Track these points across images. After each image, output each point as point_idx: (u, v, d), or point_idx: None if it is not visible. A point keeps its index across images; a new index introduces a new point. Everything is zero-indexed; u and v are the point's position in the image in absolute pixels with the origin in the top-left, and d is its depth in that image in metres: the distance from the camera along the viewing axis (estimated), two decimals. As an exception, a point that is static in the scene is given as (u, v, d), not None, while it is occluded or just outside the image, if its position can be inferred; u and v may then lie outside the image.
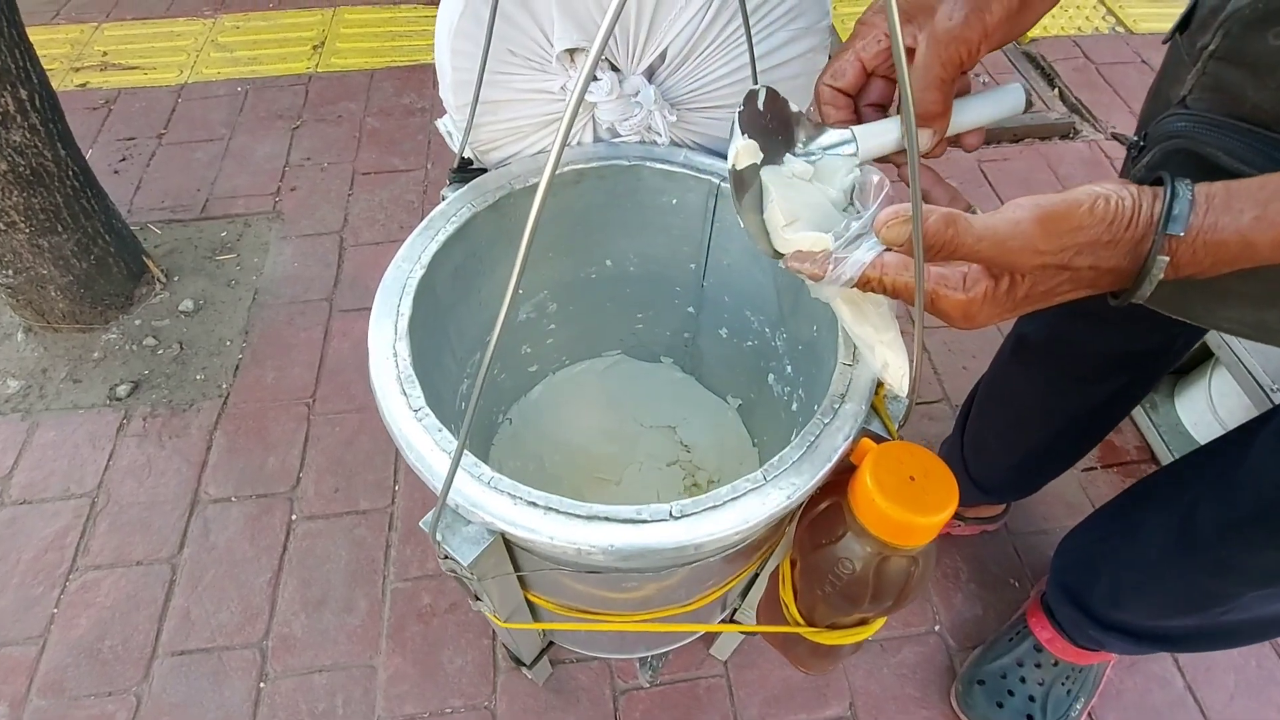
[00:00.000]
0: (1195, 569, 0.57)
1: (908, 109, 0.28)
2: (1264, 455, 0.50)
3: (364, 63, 1.60)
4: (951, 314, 0.36)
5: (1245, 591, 0.54)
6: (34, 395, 1.06)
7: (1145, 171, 0.43)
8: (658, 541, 0.39)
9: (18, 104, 0.91)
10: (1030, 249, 0.32)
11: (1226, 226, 0.31)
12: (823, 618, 0.50)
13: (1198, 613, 0.60)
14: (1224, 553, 0.53)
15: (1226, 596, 0.56)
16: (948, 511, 0.38)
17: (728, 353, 0.75)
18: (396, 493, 0.98)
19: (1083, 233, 0.32)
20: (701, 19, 0.49)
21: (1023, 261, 0.33)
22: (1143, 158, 0.42)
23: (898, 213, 0.33)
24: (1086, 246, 0.32)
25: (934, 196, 0.40)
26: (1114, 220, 0.32)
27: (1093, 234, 0.32)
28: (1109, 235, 0.32)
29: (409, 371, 0.45)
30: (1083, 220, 0.32)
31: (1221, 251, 0.31)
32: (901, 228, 0.33)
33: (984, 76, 1.61)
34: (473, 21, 0.47)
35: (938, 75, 0.39)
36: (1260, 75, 0.35)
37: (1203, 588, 0.57)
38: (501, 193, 0.56)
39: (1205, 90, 0.39)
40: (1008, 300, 0.35)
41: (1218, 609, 0.58)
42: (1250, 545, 0.51)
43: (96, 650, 0.85)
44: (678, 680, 0.84)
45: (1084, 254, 0.33)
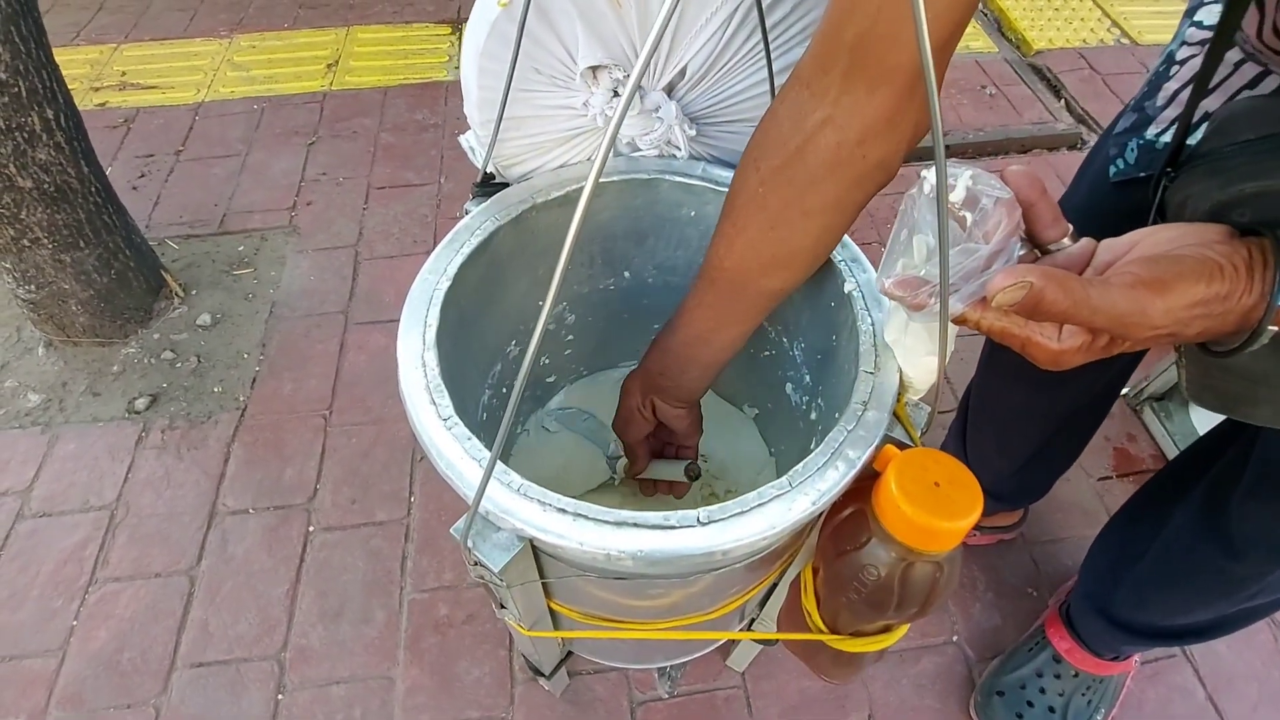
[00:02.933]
0: (1217, 554, 0.56)
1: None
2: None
3: (377, 80, 1.63)
4: (1040, 357, 0.36)
5: (1272, 570, 0.54)
6: (54, 408, 1.08)
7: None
8: (686, 547, 0.39)
9: (44, 123, 0.93)
10: (1147, 324, 0.32)
11: None
12: (846, 625, 0.50)
13: (1226, 599, 0.60)
14: (1246, 528, 0.53)
15: (1254, 578, 0.56)
16: (973, 516, 0.38)
17: (744, 362, 0.76)
18: (413, 504, 0.99)
19: (1199, 306, 0.32)
20: (721, 37, 0.50)
21: (1136, 335, 0.33)
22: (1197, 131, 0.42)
23: (1015, 277, 0.32)
24: (1199, 318, 0.32)
25: (1037, 211, 0.37)
26: (1228, 294, 0.32)
27: (1207, 308, 0.32)
28: (1222, 308, 0.32)
29: (438, 381, 0.46)
30: (1199, 295, 0.32)
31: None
32: (1014, 294, 0.32)
33: (990, 88, 1.62)
34: (499, 41, 0.48)
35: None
36: None
37: (1230, 573, 0.57)
38: (524, 206, 0.57)
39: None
40: (1103, 352, 0.35)
41: (1245, 592, 0.57)
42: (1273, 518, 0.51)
43: (115, 662, 0.86)
44: (695, 691, 0.84)
45: (1195, 324, 0.33)
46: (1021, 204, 0.37)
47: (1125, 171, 0.56)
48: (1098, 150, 0.62)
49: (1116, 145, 0.57)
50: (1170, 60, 0.52)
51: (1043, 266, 0.33)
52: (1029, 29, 1.76)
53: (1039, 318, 0.34)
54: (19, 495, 0.99)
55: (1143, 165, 0.54)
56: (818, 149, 0.41)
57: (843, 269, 0.53)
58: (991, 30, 1.81)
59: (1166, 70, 0.53)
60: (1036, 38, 1.74)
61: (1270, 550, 0.53)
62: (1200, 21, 0.50)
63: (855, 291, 0.52)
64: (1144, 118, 0.54)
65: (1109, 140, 0.59)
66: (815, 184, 0.42)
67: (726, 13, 0.49)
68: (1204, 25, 0.49)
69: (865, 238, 1.31)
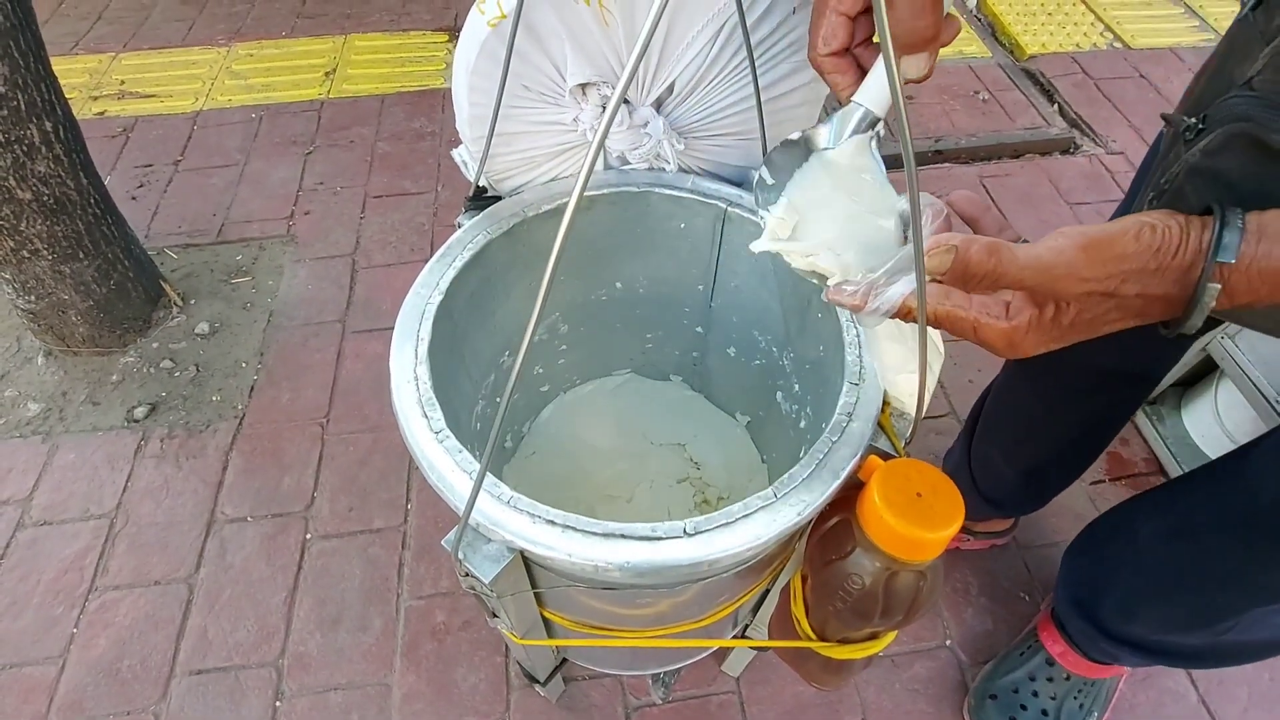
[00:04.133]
0: (1200, 580, 0.57)
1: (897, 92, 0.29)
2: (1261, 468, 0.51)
3: (375, 88, 1.64)
4: (995, 343, 0.36)
5: (1247, 606, 0.55)
6: (54, 418, 1.08)
7: (1202, 156, 0.41)
8: (673, 558, 0.40)
9: (43, 136, 0.94)
10: (1075, 276, 0.32)
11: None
12: (834, 632, 0.51)
13: (1205, 628, 0.60)
14: (1227, 563, 0.54)
15: (1231, 610, 0.56)
16: (954, 527, 0.39)
17: (736, 371, 0.77)
18: (409, 511, 0.99)
19: (1129, 260, 0.32)
20: (708, 53, 0.51)
21: (1068, 289, 0.33)
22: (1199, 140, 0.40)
23: (938, 242, 0.33)
24: (1133, 274, 0.32)
25: (983, 225, 0.38)
26: (1161, 248, 0.32)
27: (1139, 261, 0.32)
28: (1155, 263, 0.32)
29: (430, 395, 0.47)
30: (1128, 247, 0.32)
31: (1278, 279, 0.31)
32: (943, 256, 0.33)
33: (984, 93, 1.63)
34: (489, 60, 0.49)
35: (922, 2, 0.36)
36: None
37: (1206, 601, 0.58)
38: (515, 220, 0.58)
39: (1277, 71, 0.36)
40: (1054, 328, 0.35)
41: (1224, 624, 0.58)
42: (1255, 558, 0.52)
43: (115, 670, 0.86)
44: (690, 697, 0.85)
45: (1130, 281, 0.32)
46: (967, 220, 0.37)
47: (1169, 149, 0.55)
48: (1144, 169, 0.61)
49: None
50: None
51: (967, 234, 0.33)
52: (1022, 34, 1.77)
53: (972, 284, 0.34)
54: (19, 504, 0.99)
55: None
56: None
57: (829, 281, 0.54)
58: (985, 35, 1.82)
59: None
60: (1030, 42, 1.75)
61: (1249, 591, 0.54)
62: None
63: (841, 303, 0.52)
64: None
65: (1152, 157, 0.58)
66: None
67: (712, 30, 0.50)
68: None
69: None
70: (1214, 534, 0.54)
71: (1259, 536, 0.51)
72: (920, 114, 1.57)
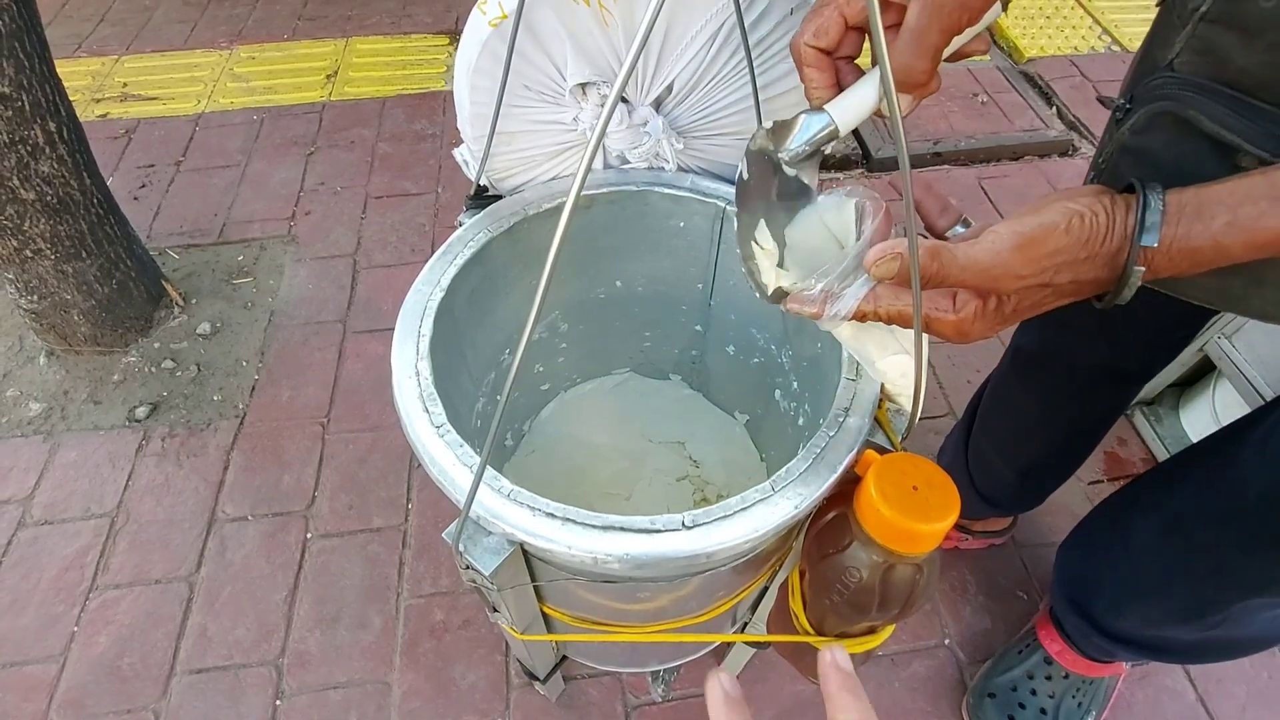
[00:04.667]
0: (1189, 575, 0.58)
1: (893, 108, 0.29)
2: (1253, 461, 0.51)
3: (376, 91, 1.64)
4: (946, 332, 0.38)
5: (1237, 599, 0.55)
6: (55, 417, 1.09)
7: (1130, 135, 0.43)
8: (671, 550, 0.40)
9: (47, 136, 0.94)
10: (1012, 275, 0.34)
11: (1199, 234, 0.32)
12: (832, 627, 0.51)
13: (1194, 620, 0.61)
14: (1215, 556, 0.54)
15: (1221, 603, 0.57)
16: (949, 519, 0.39)
17: (735, 369, 0.77)
18: (409, 510, 1.00)
19: (1060, 254, 0.34)
20: (706, 54, 0.52)
21: (1006, 286, 0.35)
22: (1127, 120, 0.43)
23: (884, 251, 0.35)
24: (1065, 265, 0.34)
25: (925, 207, 0.40)
26: (1089, 239, 0.34)
27: (1070, 254, 0.34)
28: (1085, 253, 0.34)
29: (431, 390, 0.47)
30: (1059, 242, 0.34)
31: (1197, 256, 0.33)
32: (889, 265, 0.35)
33: (982, 96, 1.64)
34: (490, 59, 0.49)
35: (933, 43, 0.36)
36: (1250, 38, 0.36)
37: (1197, 594, 0.58)
38: (516, 218, 0.58)
39: (1193, 53, 0.39)
40: (997, 316, 0.37)
41: (1212, 617, 0.58)
42: (1242, 551, 0.52)
43: (116, 668, 0.86)
44: (689, 695, 0.85)
45: (1063, 271, 0.34)
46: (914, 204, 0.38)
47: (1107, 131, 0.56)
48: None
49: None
50: None
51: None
52: (1020, 37, 1.78)
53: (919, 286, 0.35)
54: (21, 503, 1.00)
55: None
56: None
57: (827, 278, 0.54)
58: (983, 38, 1.82)
59: None
60: (1028, 45, 1.76)
61: (1236, 583, 0.55)
62: None
63: (839, 300, 0.53)
64: None
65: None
66: None
67: (710, 31, 0.50)
68: None
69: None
70: (1202, 528, 0.55)
71: (1245, 530, 0.51)
72: (919, 116, 1.58)
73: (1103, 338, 0.63)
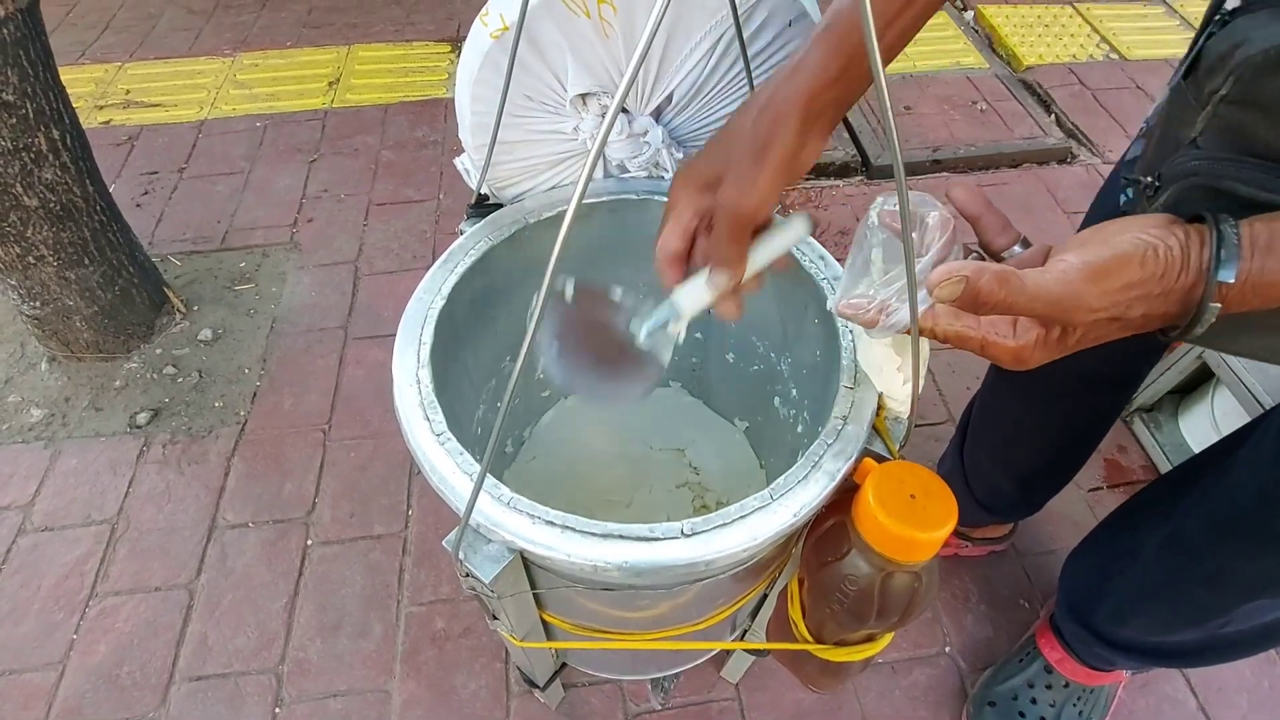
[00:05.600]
0: (1190, 581, 0.58)
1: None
2: (1245, 468, 0.51)
3: (378, 98, 1.65)
4: (1003, 358, 0.37)
5: (1238, 603, 0.55)
6: (57, 423, 1.09)
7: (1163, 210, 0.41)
8: (670, 558, 0.40)
9: (50, 144, 0.95)
10: (1084, 307, 0.33)
11: (1273, 269, 0.31)
12: (831, 635, 0.51)
13: (1197, 626, 0.61)
14: (1214, 564, 0.54)
15: (1222, 609, 0.57)
16: (947, 527, 0.39)
17: (734, 376, 0.77)
18: (410, 517, 1.00)
19: (1134, 288, 0.33)
20: (705, 64, 0.52)
21: (1078, 319, 0.34)
22: (1159, 197, 0.42)
23: (951, 272, 0.33)
24: (1139, 299, 0.33)
25: (985, 224, 0.39)
26: (1164, 273, 0.33)
27: (1144, 289, 0.33)
28: (1160, 288, 0.33)
29: (431, 398, 0.47)
30: (1134, 275, 0.33)
31: (1271, 291, 0.32)
32: (953, 287, 0.33)
33: (982, 104, 1.65)
34: (492, 70, 0.50)
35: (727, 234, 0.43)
36: (1273, 116, 0.35)
37: (1198, 600, 0.58)
38: (517, 226, 0.59)
39: (1216, 132, 0.39)
40: (1059, 346, 0.36)
41: (1215, 621, 0.59)
42: (1239, 555, 0.52)
43: (115, 676, 0.86)
44: (689, 704, 0.85)
45: (1136, 305, 0.33)
46: (969, 219, 0.38)
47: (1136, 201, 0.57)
48: (1113, 181, 0.63)
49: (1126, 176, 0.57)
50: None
51: (977, 262, 0.34)
52: (1019, 45, 1.79)
53: (983, 311, 0.35)
54: (21, 510, 1.00)
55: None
56: None
57: (825, 287, 0.55)
58: (983, 46, 1.83)
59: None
60: (1027, 54, 1.77)
61: (1237, 588, 0.55)
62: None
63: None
64: None
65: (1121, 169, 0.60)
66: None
67: (710, 42, 0.51)
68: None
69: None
70: (1201, 536, 0.55)
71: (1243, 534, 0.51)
72: (919, 124, 1.59)
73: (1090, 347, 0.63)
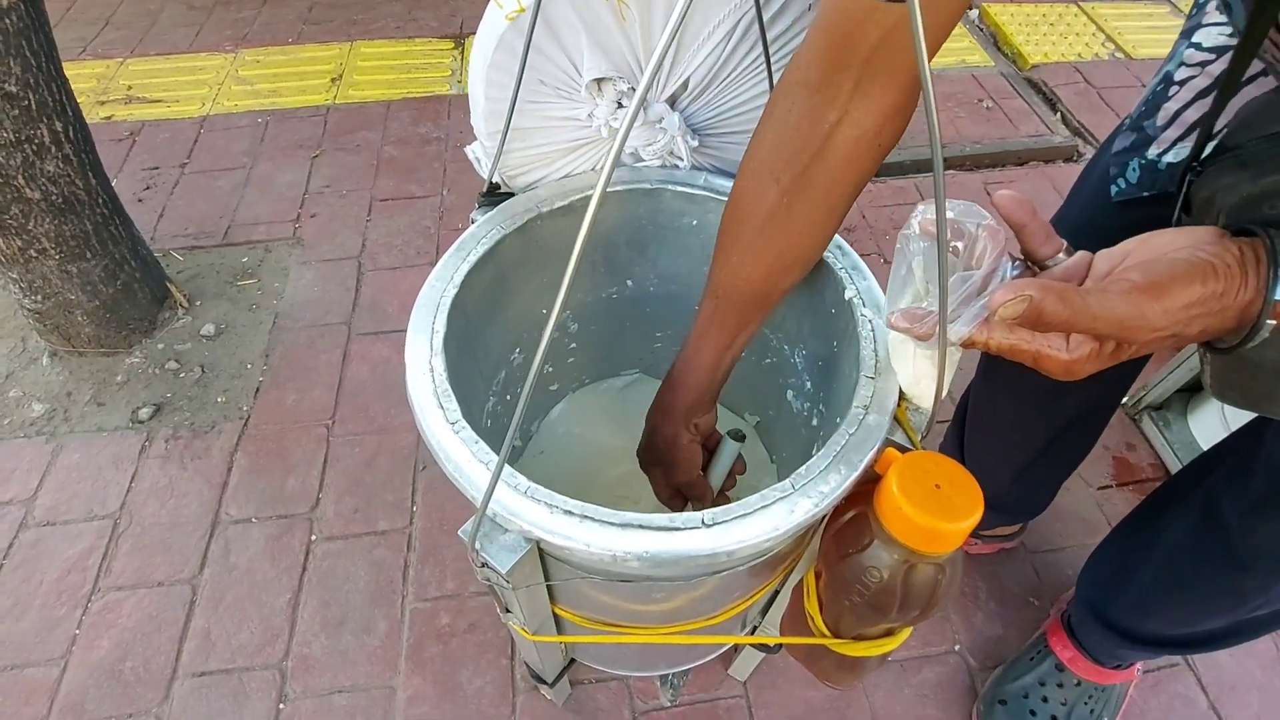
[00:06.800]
0: (1226, 567, 0.57)
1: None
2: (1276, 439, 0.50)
3: (381, 94, 1.64)
4: (1054, 370, 0.37)
5: (1274, 583, 0.54)
6: (59, 418, 1.08)
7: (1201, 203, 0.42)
8: (691, 548, 0.40)
9: (53, 136, 0.94)
10: (1147, 327, 0.33)
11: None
12: (849, 629, 0.50)
13: (1230, 613, 0.60)
14: (1248, 542, 0.53)
15: (1257, 590, 0.56)
16: (974, 518, 0.39)
17: (746, 370, 0.76)
18: (415, 513, 0.99)
19: (1195, 306, 0.33)
20: (723, 50, 0.52)
21: (1140, 337, 0.34)
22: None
23: (1015, 291, 0.34)
24: (1198, 317, 0.33)
25: (1029, 230, 0.39)
26: (1224, 291, 0.33)
27: (1204, 307, 0.33)
28: (1219, 305, 0.33)
29: (445, 386, 0.46)
30: (1195, 294, 0.33)
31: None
32: (1016, 306, 0.33)
33: (987, 102, 1.64)
34: (506, 54, 0.49)
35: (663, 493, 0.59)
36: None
37: (1232, 585, 0.57)
38: (529, 215, 0.58)
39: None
40: (1112, 359, 0.36)
41: (1252, 603, 0.58)
42: (1274, 530, 0.51)
43: (118, 671, 0.85)
44: (697, 701, 0.84)
45: (1195, 323, 0.34)
46: (1014, 226, 0.38)
47: (1127, 191, 0.57)
48: (1093, 168, 0.63)
49: (1117, 165, 0.58)
50: (1168, 81, 0.53)
51: (1041, 280, 0.34)
52: (1025, 44, 1.79)
53: (1042, 329, 0.35)
54: (23, 504, 0.99)
55: (1145, 185, 0.55)
56: (837, 149, 0.42)
57: (843, 276, 0.54)
58: (988, 45, 1.83)
59: (1165, 90, 0.53)
60: (1032, 52, 1.76)
61: (1273, 565, 0.54)
62: (1199, 44, 0.50)
63: (855, 298, 0.53)
64: (1144, 137, 0.55)
65: (1106, 158, 0.60)
66: (836, 181, 0.44)
67: (728, 27, 0.50)
68: (1203, 47, 0.50)
69: (865, 249, 1.32)
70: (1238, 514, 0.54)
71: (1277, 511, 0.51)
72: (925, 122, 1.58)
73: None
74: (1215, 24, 0.50)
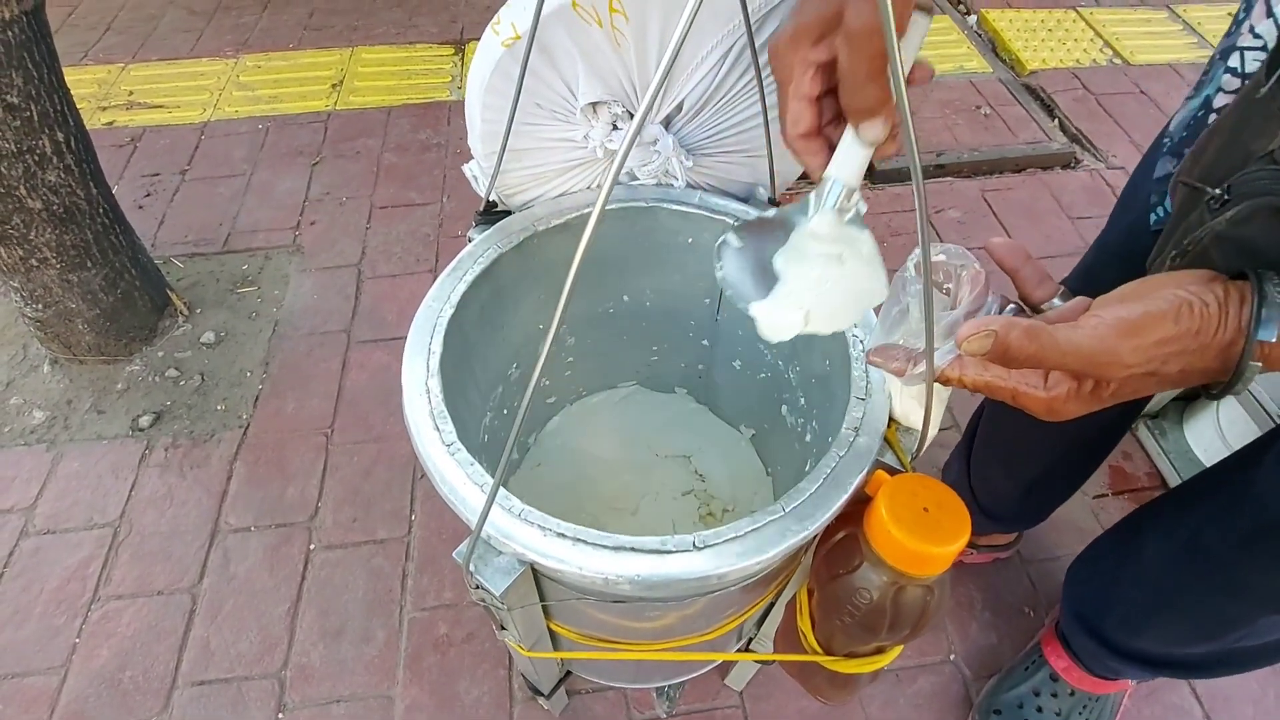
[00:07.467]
0: (1209, 593, 0.57)
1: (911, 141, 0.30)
2: (1268, 480, 0.51)
3: (381, 100, 1.65)
4: (1035, 409, 0.37)
5: (1260, 615, 0.55)
6: (59, 426, 1.09)
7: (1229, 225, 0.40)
8: (682, 571, 0.40)
9: (55, 146, 0.95)
10: (1118, 363, 0.33)
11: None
12: (841, 646, 0.51)
13: (1215, 639, 0.60)
14: (1237, 575, 0.54)
15: (1243, 620, 0.56)
16: (961, 541, 0.39)
17: (741, 384, 0.77)
18: (413, 522, 0.99)
19: (1169, 344, 0.33)
20: (716, 73, 0.52)
21: (1111, 374, 0.34)
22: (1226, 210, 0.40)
23: (979, 327, 0.34)
24: (1175, 355, 0.33)
25: (1023, 276, 0.39)
26: (1200, 329, 0.32)
27: (1180, 344, 0.33)
28: (1196, 344, 0.33)
29: (441, 408, 0.47)
30: (1168, 330, 0.32)
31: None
32: (981, 342, 0.34)
33: (985, 108, 1.65)
34: (503, 78, 0.50)
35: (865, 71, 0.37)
36: None
37: (1219, 612, 0.57)
38: (525, 234, 0.58)
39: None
40: (1094, 399, 0.36)
41: (1235, 634, 0.58)
42: (1263, 567, 0.52)
43: (117, 680, 0.86)
44: (694, 711, 0.85)
45: (1172, 361, 0.33)
46: (1007, 271, 0.38)
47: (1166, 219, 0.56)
48: (1134, 193, 0.62)
49: (1158, 193, 0.57)
50: (1208, 107, 0.51)
51: (1009, 317, 0.34)
52: (1023, 50, 1.79)
53: (1013, 365, 0.35)
54: (23, 513, 0.99)
55: None
56: None
57: (836, 296, 0.54)
58: (986, 51, 1.83)
59: (1205, 117, 0.52)
60: (1030, 58, 1.77)
61: (1260, 599, 0.54)
62: (1235, 69, 0.49)
63: (848, 319, 0.53)
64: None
65: (1146, 183, 0.59)
66: None
67: (721, 51, 0.50)
68: (1239, 73, 0.49)
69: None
70: (1224, 548, 0.55)
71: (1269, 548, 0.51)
72: (923, 128, 1.59)
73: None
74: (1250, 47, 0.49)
